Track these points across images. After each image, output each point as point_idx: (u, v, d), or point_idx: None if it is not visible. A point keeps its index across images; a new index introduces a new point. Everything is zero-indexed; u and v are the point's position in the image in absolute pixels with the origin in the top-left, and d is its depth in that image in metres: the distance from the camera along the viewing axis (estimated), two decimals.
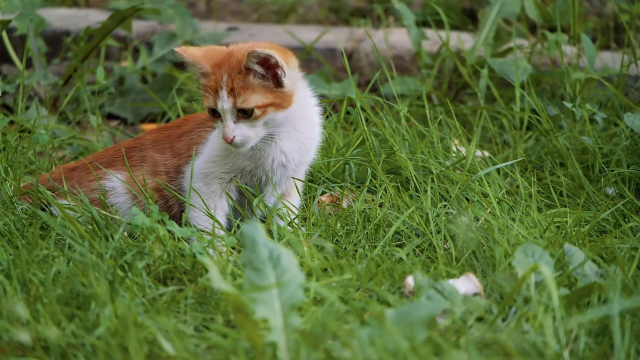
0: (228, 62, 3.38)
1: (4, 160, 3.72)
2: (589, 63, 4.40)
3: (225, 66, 3.37)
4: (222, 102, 3.34)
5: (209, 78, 3.38)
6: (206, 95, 3.37)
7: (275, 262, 2.59)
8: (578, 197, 3.78)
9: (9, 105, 4.94)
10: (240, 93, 3.34)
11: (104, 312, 2.73)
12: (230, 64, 3.36)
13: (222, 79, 3.35)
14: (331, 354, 2.50)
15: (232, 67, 3.36)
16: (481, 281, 3.02)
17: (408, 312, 2.50)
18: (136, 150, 3.64)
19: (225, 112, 3.33)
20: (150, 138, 3.68)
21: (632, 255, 3.19)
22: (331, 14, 6.20)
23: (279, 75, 3.35)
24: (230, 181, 3.48)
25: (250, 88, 3.34)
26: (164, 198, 3.55)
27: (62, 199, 3.50)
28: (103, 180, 3.58)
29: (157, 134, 3.67)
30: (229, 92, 3.33)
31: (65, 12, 5.94)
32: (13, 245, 3.25)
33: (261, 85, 3.36)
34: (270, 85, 3.35)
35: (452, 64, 4.92)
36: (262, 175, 3.47)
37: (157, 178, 3.55)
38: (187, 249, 3.15)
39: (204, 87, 3.39)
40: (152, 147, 3.64)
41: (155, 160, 3.61)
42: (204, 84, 3.39)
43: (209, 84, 3.37)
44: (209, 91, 3.36)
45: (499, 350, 2.59)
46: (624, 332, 2.60)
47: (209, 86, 3.37)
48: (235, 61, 3.37)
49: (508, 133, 4.32)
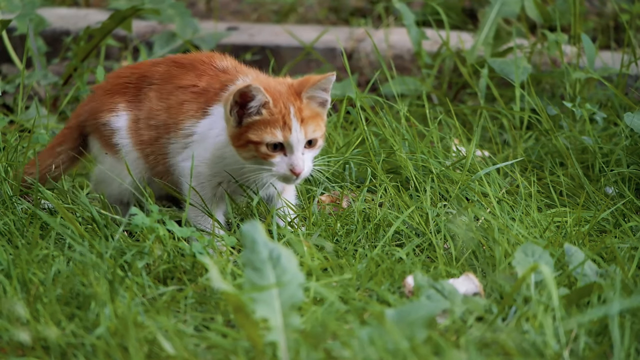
0: (287, 91, 3.22)
1: (4, 159, 3.72)
2: (589, 63, 4.40)
3: (285, 96, 3.21)
4: (295, 133, 3.17)
5: (269, 110, 3.20)
6: (266, 128, 3.17)
7: (275, 262, 2.59)
8: (578, 196, 3.78)
9: (9, 105, 4.94)
10: (308, 122, 3.20)
11: (104, 311, 2.73)
12: (291, 94, 3.21)
13: (289, 110, 3.18)
14: (331, 354, 2.51)
15: (295, 97, 3.21)
16: (481, 281, 3.02)
17: (408, 311, 2.50)
18: (145, 83, 3.46)
19: (297, 144, 3.18)
20: (160, 70, 3.48)
21: (632, 255, 3.19)
22: (331, 13, 6.20)
23: (327, 101, 3.25)
24: (218, 185, 3.38)
25: (313, 117, 3.22)
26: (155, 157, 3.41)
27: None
28: (112, 114, 3.46)
29: (168, 68, 3.47)
30: (300, 122, 3.18)
31: (65, 11, 5.94)
32: (13, 244, 3.25)
33: (319, 113, 3.25)
34: (323, 112, 3.26)
35: (452, 64, 4.92)
36: (251, 184, 3.37)
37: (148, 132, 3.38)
38: (187, 248, 3.15)
39: (260, 121, 3.18)
40: (156, 85, 3.45)
41: (150, 108, 3.43)
42: (261, 118, 3.18)
43: (271, 117, 3.18)
44: (272, 124, 3.17)
45: (499, 350, 2.59)
46: (624, 331, 2.60)
47: (271, 120, 3.18)
48: (295, 90, 3.22)
49: (508, 133, 4.32)
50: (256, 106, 3.18)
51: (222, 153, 3.30)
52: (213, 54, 3.45)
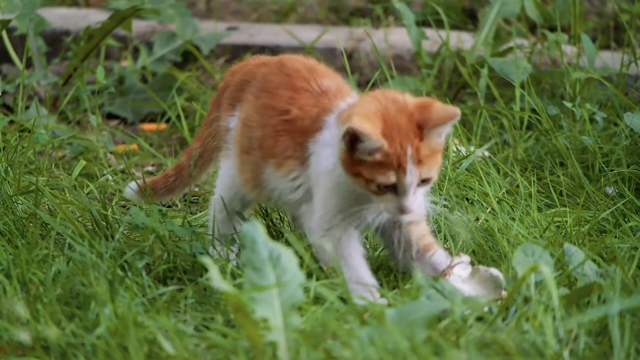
0: (406, 125, 2.85)
1: (4, 159, 3.72)
2: (589, 63, 4.39)
3: (404, 132, 2.85)
4: (410, 176, 2.86)
5: (383, 152, 2.85)
6: (379, 169, 2.85)
7: (275, 262, 2.59)
8: (578, 196, 3.78)
9: (9, 105, 4.94)
10: (425, 162, 2.87)
11: (104, 311, 2.73)
12: (411, 128, 2.85)
13: (406, 151, 2.84)
14: (331, 354, 2.51)
15: (414, 133, 2.86)
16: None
17: (408, 311, 2.50)
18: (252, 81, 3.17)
19: (409, 186, 2.87)
20: (264, 72, 3.15)
21: (632, 254, 3.19)
22: (331, 13, 6.20)
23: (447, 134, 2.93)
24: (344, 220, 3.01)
25: (432, 154, 2.89)
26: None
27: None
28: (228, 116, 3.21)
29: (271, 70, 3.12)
30: (416, 163, 2.86)
31: (65, 11, 5.94)
32: (13, 244, 3.25)
33: (437, 149, 2.90)
34: (441, 144, 2.92)
35: (452, 64, 4.92)
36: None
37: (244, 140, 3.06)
38: (187, 248, 3.15)
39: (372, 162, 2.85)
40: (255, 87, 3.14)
41: (248, 113, 3.12)
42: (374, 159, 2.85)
43: (385, 159, 2.85)
44: (385, 165, 2.85)
45: (499, 350, 2.59)
46: (624, 331, 2.60)
47: (384, 162, 2.85)
48: (417, 123, 2.86)
49: (508, 133, 4.32)
50: (367, 148, 2.85)
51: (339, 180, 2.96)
52: (316, 67, 3.13)
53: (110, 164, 4.34)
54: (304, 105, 3.02)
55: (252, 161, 3.10)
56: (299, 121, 3.01)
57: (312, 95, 3.04)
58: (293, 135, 3.01)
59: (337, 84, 3.08)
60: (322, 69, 3.11)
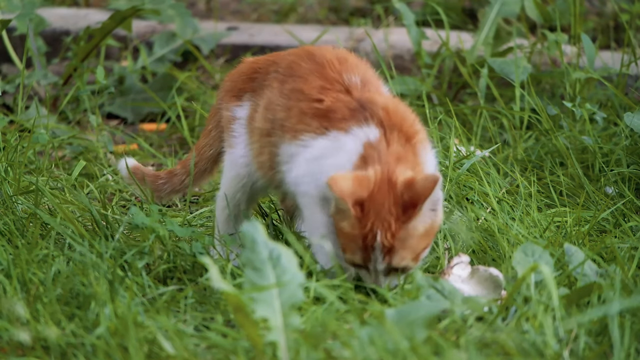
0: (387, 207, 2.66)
1: (3, 159, 3.72)
2: (589, 63, 4.39)
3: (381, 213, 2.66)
4: (375, 263, 2.74)
5: (351, 224, 2.70)
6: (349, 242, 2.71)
7: (275, 262, 2.59)
8: (578, 196, 3.78)
9: (9, 105, 4.94)
10: (398, 250, 2.70)
11: (104, 311, 2.73)
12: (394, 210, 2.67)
13: (374, 236, 2.67)
14: (331, 354, 2.51)
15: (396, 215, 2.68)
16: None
17: (408, 311, 2.50)
18: (272, 69, 3.08)
19: (378, 271, 2.77)
20: (290, 59, 3.03)
21: (632, 254, 3.19)
22: (331, 13, 6.20)
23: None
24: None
25: (417, 237, 2.71)
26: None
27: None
28: (234, 106, 3.16)
29: (298, 58, 3.01)
30: (385, 251, 2.70)
31: (65, 11, 5.94)
32: (13, 244, 3.25)
33: (426, 229, 2.72)
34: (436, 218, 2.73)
35: (452, 64, 4.92)
36: None
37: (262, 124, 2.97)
38: (187, 248, 3.15)
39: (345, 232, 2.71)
40: (281, 75, 3.03)
41: (270, 99, 3.03)
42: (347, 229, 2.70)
43: (355, 233, 2.69)
44: (354, 240, 2.70)
45: (499, 350, 2.59)
46: (624, 331, 2.60)
47: (355, 237, 2.69)
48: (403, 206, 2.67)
49: (508, 132, 4.32)
50: (341, 210, 2.74)
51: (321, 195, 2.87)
52: (346, 57, 3.02)
53: (110, 164, 4.34)
54: (335, 100, 2.92)
55: (272, 143, 3.03)
56: (331, 114, 2.91)
57: (340, 91, 2.94)
58: (320, 119, 2.92)
59: (363, 78, 2.99)
60: (350, 62, 3.03)
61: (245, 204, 3.24)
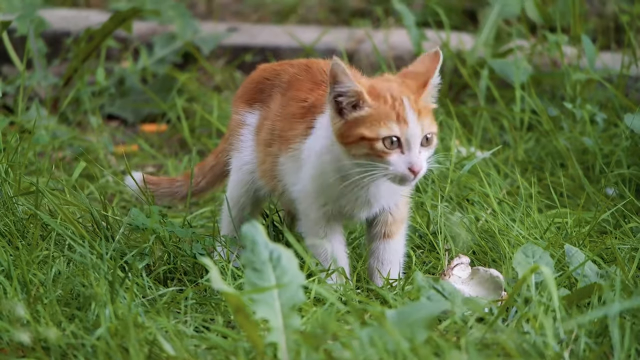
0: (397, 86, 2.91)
1: (4, 160, 3.72)
2: (589, 64, 4.40)
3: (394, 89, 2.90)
4: (413, 125, 2.87)
5: (378, 101, 2.88)
6: (379, 122, 2.87)
7: (275, 263, 2.59)
8: (578, 197, 3.78)
9: (10, 106, 4.94)
10: (424, 115, 2.90)
11: (104, 312, 2.73)
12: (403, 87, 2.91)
13: (402, 102, 2.87)
14: (331, 355, 2.51)
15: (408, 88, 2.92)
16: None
17: (408, 312, 2.50)
18: (277, 82, 3.23)
19: (414, 140, 2.87)
20: (292, 72, 3.21)
21: (632, 255, 3.19)
22: (331, 14, 6.20)
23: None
24: (324, 206, 3.09)
25: (428, 112, 2.93)
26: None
27: None
28: (245, 112, 3.28)
29: (298, 70, 3.19)
30: (417, 114, 2.88)
31: (66, 12, 5.94)
32: (13, 245, 3.25)
33: (431, 108, 2.96)
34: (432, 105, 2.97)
35: (453, 65, 4.92)
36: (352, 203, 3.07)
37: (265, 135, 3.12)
38: (188, 249, 3.15)
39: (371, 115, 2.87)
40: (283, 88, 3.20)
41: (272, 111, 3.19)
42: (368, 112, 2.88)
43: (379, 110, 2.87)
44: (385, 117, 2.86)
45: (499, 351, 2.59)
46: (624, 332, 2.60)
47: (381, 113, 2.87)
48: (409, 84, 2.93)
49: (508, 134, 4.32)
50: (344, 91, 2.89)
51: (323, 168, 3.02)
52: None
53: (110, 164, 4.34)
54: (321, 95, 3.07)
55: (272, 153, 3.16)
56: (313, 107, 3.08)
57: (326, 85, 3.06)
58: (305, 117, 3.08)
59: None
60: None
61: (250, 208, 3.31)
